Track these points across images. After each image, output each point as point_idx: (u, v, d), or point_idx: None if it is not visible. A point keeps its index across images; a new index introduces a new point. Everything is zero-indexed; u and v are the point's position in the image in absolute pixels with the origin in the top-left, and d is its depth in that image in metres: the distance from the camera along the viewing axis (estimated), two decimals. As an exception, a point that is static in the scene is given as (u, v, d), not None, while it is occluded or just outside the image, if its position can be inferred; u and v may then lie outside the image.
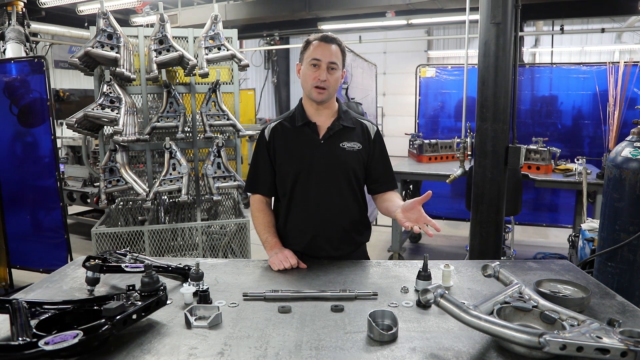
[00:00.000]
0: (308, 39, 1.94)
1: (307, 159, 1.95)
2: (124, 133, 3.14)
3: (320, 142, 1.95)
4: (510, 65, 2.94)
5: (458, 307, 1.23)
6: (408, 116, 7.75)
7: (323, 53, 1.87)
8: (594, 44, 12.59)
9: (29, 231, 4.22)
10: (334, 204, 1.96)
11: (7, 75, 4.03)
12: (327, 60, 1.87)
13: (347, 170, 1.97)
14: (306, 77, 1.91)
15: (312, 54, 1.89)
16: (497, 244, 3.07)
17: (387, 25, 9.14)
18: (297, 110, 2.02)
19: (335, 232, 1.98)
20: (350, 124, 2.00)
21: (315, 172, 1.94)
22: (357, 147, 1.97)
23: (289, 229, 2.01)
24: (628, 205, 2.22)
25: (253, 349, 1.24)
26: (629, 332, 1.12)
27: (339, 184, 1.97)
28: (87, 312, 1.32)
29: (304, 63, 1.92)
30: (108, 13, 3.24)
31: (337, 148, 1.95)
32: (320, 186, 1.94)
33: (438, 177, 4.75)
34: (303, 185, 1.95)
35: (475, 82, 3.03)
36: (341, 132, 1.97)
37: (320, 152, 1.94)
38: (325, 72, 1.87)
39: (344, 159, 1.96)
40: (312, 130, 1.97)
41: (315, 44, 1.90)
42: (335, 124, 1.97)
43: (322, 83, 1.87)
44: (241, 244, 3.50)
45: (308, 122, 1.97)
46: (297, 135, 1.98)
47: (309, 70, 1.89)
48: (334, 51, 1.89)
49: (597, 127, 5.49)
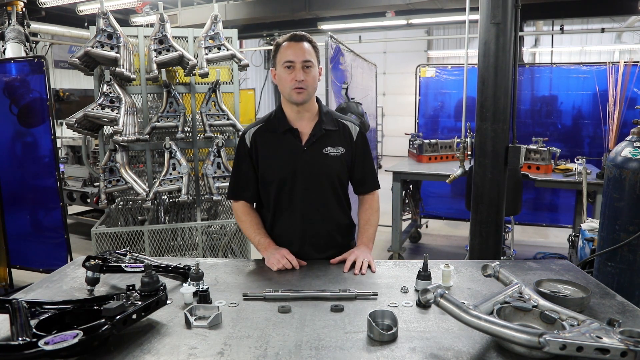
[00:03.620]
0: (277, 41, 1.90)
1: (290, 167, 1.92)
2: (124, 133, 3.14)
3: (303, 149, 1.92)
4: (510, 65, 2.94)
5: (458, 307, 1.23)
6: (408, 116, 7.75)
7: (295, 53, 1.83)
8: (594, 44, 12.59)
9: (29, 231, 4.22)
10: (319, 211, 1.96)
11: (7, 75, 4.03)
12: (300, 60, 1.83)
13: (331, 176, 1.96)
14: (283, 81, 1.87)
15: (284, 56, 1.84)
16: (497, 244, 3.07)
17: (387, 25, 9.14)
18: (277, 116, 1.96)
19: (322, 237, 1.99)
20: (332, 126, 1.97)
21: (299, 180, 1.92)
22: (340, 152, 1.95)
23: (276, 236, 2.00)
24: (628, 205, 2.22)
25: (253, 349, 1.24)
26: (629, 332, 1.12)
27: (324, 191, 1.96)
28: (87, 312, 1.32)
29: (278, 67, 1.88)
30: (108, 13, 3.23)
31: (321, 155, 1.93)
32: (305, 194, 1.93)
33: (438, 177, 4.75)
34: (287, 193, 1.94)
35: (475, 82, 3.03)
36: (324, 137, 1.94)
37: (303, 160, 1.92)
38: (301, 72, 1.83)
39: (327, 165, 1.94)
40: (295, 137, 1.93)
41: (285, 45, 1.86)
42: (317, 129, 1.93)
43: (300, 83, 1.84)
44: (241, 244, 3.50)
45: (290, 128, 1.93)
46: (279, 142, 1.94)
47: (284, 73, 1.85)
48: (307, 49, 1.85)
49: (597, 127, 5.49)
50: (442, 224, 6.74)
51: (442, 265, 1.71)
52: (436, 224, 6.70)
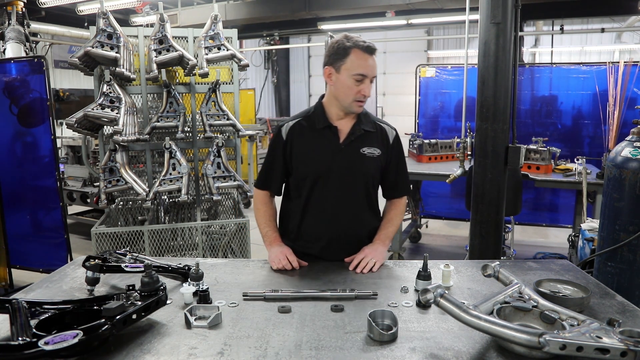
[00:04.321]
0: (346, 44, 1.79)
1: (326, 164, 1.90)
2: (124, 133, 3.14)
3: (340, 147, 1.90)
4: (510, 65, 2.94)
5: (458, 307, 1.23)
6: (408, 116, 7.74)
7: (369, 67, 1.79)
8: (594, 44, 12.59)
9: (29, 231, 4.22)
10: (350, 211, 1.94)
11: (7, 75, 4.03)
12: (371, 75, 1.80)
13: (366, 176, 1.94)
14: (347, 89, 1.81)
15: (357, 67, 1.77)
16: (497, 243, 3.07)
17: (387, 25, 9.14)
18: (317, 112, 1.94)
19: (351, 239, 1.96)
20: (371, 127, 1.95)
21: (333, 177, 1.90)
22: (376, 153, 1.93)
23: (303, 231, 1.98)
24: (628, 205, 2.22)
25: (253, 349, 1.24)
26: (629, 332, 1.12)
27: (357, 191, 1.94)
28: (87, 312, 1.32)
29: (343, 74, 1.80)
30: (108, 13, 3.23)
31: (357, 154, 1.91)
32: (339, 192, 1.91)
33: (438, 177, 4.75)
34: (321, 189, 1.91)
35: (475, 82, 3.03)
36: (362, 137, 1.92)
37: (340, 157, 1.90)
38: (369, 87, 1.80)
39: (364, 165, 1.92)
40: (333, 134, 1.91)
41: (358, 54, 1.78)
42: (357, 129, 1.91)
43: (364, 97, 1.82)
44: (241, 243, 3.50)
45: (329, 125, 1.91)
46: (317, 138, 1.91)
47: (351, 83, 1.79)
48: (376, 63, 1.83)
49: (597, 127, 5.48)
50: (442, 224, 6.74)
51: (442, 265, 1.71)
52: (436, 224, 6.70)
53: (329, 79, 1.87)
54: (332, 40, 1.89)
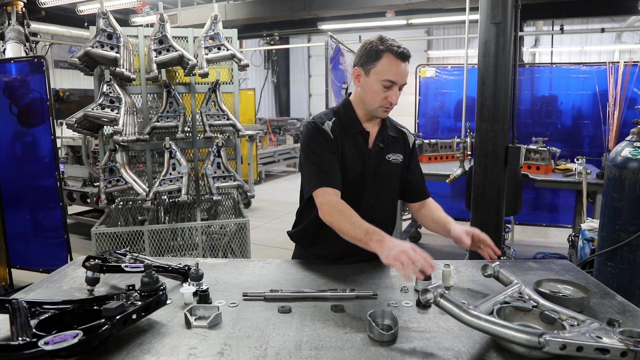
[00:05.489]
0: (379, 47, 1.70)
1: (358, 169, 1.83)
2: (124, 133, 3.14)
3: (371, 153, 1.84)
4: (510, 65, 2.95)
5: (458, 307, 1.23)
6: (408, 116, 7.73)
7: (400, 74, 1.71)
8: (594, 44, 12.61)
9: (29, 231, 4.22)
10: (375, 218, 1.83)
11: (7, 75, 4.03)
12: (401, 83, 1.73)
13: (392, 183, 1.91)
14: (374, 94, 1.74)
15: (387, 73, 1.69)
16: (497, 243, 3.08)
17: (387, 25, 9.14)
18: (349, 115, 1.84)
19: None
20: (395, 132, 1.91)
21: (364, 183, 1.85)
22: (400, 160, 1.90)
23: (323, 236, 1.86)
24: (628, 205, 2.23)
25: (253, 349, 1.24)
26: (629, 332, 1.12)
27: (383, 197, 1.90)
28: (87, 312, 1.32)
29: (372, 77, 1.72)
30: (108, 13, 3.24)
31: (384, 160, 1.86)
32: (367, 198, 1.86)
33: (438, 177, 4.75)
34: (352, 195, 1.80)
35: (475, 82, 3.03)
36: (388, 142, 1.88)
37: (369, 164, 1.84)
38: (397, 94, 1.74)
39: (390, 172, 1.88)
40: (364, 139, 1.84)
41: (390, 59, 1.69)
42: (384, 134, 1.87)
43: (391, 104, 1.76)
44: (241, 243, 3.50)
45: (362, 130, 1.84)
46: (351, 142, 1.83)
47: (380, 88, 1.72)
48: (408, 70, 1.75)
49: (597, 127, 5.49)
50: (442, 224, 6.73)
51: (442, 265, 1.71)
52: (436, 224, 6.69)
53: (356, 80, 1.80)
54: (365, 40, 1.80)
